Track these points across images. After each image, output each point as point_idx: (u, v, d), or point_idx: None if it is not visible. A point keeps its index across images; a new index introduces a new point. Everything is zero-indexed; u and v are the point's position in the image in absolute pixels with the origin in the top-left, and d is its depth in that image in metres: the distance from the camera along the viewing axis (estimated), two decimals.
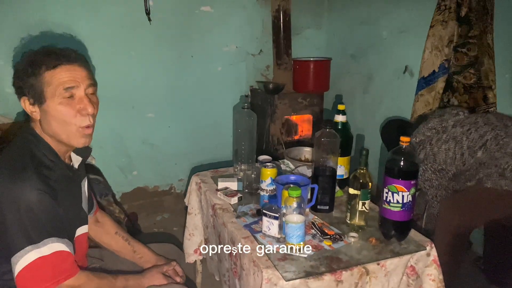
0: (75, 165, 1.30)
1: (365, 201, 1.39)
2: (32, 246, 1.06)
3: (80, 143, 1.20)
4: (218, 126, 3.25)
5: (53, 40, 2.47)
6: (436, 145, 2.03)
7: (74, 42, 2.50)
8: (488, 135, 1.88)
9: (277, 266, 1.22)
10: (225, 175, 1.91)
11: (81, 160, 1.32)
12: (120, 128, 2.98)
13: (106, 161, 2.92)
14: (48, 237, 1.08)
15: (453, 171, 2.01)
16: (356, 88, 3.19)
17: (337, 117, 1.71)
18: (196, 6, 2.97)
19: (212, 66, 3.15)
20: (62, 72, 1.14)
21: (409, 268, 1.34)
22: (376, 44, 2.94)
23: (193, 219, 1.91)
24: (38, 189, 1.07)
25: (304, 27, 3.37)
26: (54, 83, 1.13)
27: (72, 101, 1.15)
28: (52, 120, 1.15)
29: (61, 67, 1.14)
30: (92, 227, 1.48)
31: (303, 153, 2.06)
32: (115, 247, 1.50)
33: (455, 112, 2.08)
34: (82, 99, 1.17)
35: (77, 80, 1.16)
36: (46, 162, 1.16)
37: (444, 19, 2.32)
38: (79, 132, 1.18)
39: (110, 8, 2.72)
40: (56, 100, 1.14)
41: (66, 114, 1.15)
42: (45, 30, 2.46)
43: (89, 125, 1.19)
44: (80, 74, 1.17)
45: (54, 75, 1.13)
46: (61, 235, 1.12)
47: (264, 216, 1.36)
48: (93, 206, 1.48)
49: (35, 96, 1.14)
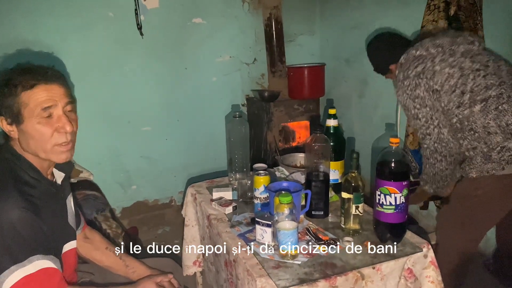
0: (58, 181, 1.29)
1: (359, 204, 1.38)
2: (17, 266, 1.05)
3: (60, 159, 1.19)
4: (215, 137, 3.24)
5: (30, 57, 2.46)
6: (439, 64, 1.73)
7: (51, 58, 2.51)
8: (493, 91, 1.63)
9: (270, 275, 1.20)
10: (220, 185, 1.91)
11: (63, 175, 1.31)
12: (117, 143, 2.98)
13: (104, 177, 2.92)
14: (33, 255, 1.07)
15: (445, 102, 1.71)
16: (351, 93, 3.18)
17: (328, 121, 1.70)
18: (187, 19, 2.99)
19: (207, 77, 3.15)
20: (40, 92, 1.13)
21: (406, 270, 1.32)
22: None
23: (190, 231, 1.90)
24: (19, 207, 1.06)
25: (296, 33, 3.38)
26: (31, 104, 1.12)
27: (50, 120, 1.15)
28: (30, 139, 1.15)
29: (38, 86, 1.13)
30: (81, 244, 1.46)
31: (298, 159, 2.05)
32: (107, 262, 1.48)
33: (470, 39, 1.77)
34: (60, 117, 1.16)
35: (54, 99, 1.15)
36: (27, 179, 1.15)
37: (434, 19, 2.31)
38: (55, 149, 1.17)
39: (102, 25, 2.74)
40: (34, 120, 1.13)
41: (44, 133, 1.14)
42: (24, 48, 2.46)
43: (66, 142, 1.18)
44: (58, 92, 1.16)
45: (31, 96, 1.12)
46: (46, 251, 1.11)
47: (257, 224, 1.35)
48: (80, 222, 1.47)
49: (13, 116, 1.13)
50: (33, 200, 1.11)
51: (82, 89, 2.72)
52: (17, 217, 1.05)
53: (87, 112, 2.77)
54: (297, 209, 1.38)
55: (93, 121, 2.82)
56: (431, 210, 2.62)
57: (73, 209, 1.37)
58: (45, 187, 1.20)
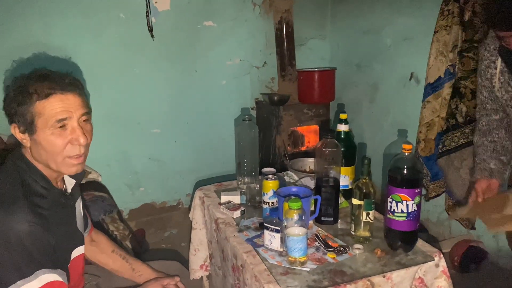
0: (69, 189, 1.26)
1: (369, 211, 1.35)
2: (23, 281, 1.02)
3: (70, 172, 1.16)
4: (223, 140, 3.24)
5: (47, 62, 2.48)
6: None
7: (68, 64, 2.51)
8: None
9: (279, 281, 1.18)
10: (228, 188, 1.89)
11: (74, 182, 1.28)
12: (126, 145, 2.99)
13: (113, 178, 2.93)
14: (39, 269, 1.04)
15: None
16: (362, 98, 3.15)
17: (339, 126, 1.68)
18: (198, 21, 2.99)
19: (216, 80, 3.15)
20: (55, 103, 1.09)
21: (417, 280, 1.29)
22: (381, 53, 2.91)
23: (197, 234, 1.88)
24: (28, 221, 1.03)
25: (307, 37, 3.37)
26: (45, 114, 1.08)
27: (64, 132, 1.11)
28: (41, 150, 1.11)
29: (53, 96, 1.09)
30: (87, 247, 1.44)
31: (307, 164, 2.03)
32: (113, 266, 1.47)
33: None
34: (75, 129, 1.12)
35: (70, 111, 1.11)
36: (38, 190, 1.12)
37: (447, 24, 2.28)
38: (67, 162, 1.13)
39: (113, 26, 2.75)
40: (47, 131, 1.09)
41: (56, 145, 1.10)
42: (41, 52, 2.47)
43: (79, 155, 1.14)
44: (74, 103, 1.12)
45: (46, 106, 1.08)
46: (53, 265, 1.08)
47: (266, 229, 1.33)
48: (87, 225, 1.45)
49: (26, 125, 1.10)
50: (42, 213, 1.09)
51: (92, 90, 2.72)
52: (25, 232, 1.02)
53: (97, 114, 2.72)
54: (306, 215, 1.36)
55: (103, 123, 2.83)
56: (442, 218, 2.58)
57: (81, 212, 1.35)
58: (55, 197, 1.17)
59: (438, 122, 2.42)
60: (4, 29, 2.50)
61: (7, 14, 2.48)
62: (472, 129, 2.25)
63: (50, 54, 2.52)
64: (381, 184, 2.88)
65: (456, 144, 2.31)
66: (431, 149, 2.46)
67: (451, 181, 2.37)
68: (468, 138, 2.27)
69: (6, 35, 2.50)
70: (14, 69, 2.13)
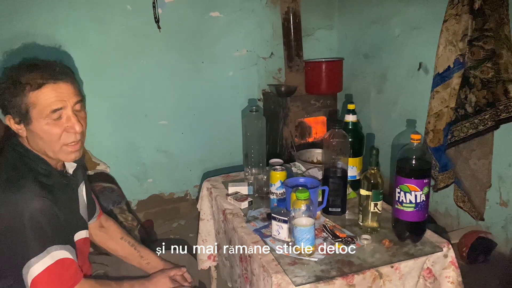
0: (70, 171, 1.29)
1: (377, 202, 1.35)
2: (36, 258, 1.05)
3: (68, 159, 1.19)
4: (231, 131, 3.23)
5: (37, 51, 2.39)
6: None
7: (59, 52, 2.47)
8: None
9: (286, 271, 1.19)
10: (235, 179, 1.89)
11: (75, 166, 1.30)
12: (134, 136, 3.00)
13: (121, 170, 2.94)
14: (51, 245, 1.07)
15: None
16: (370, 88, 3.13)
17: (347, 117, 1.67)
18: (205, 12, 2.98)
19: (223, 71, 3.14)
20: (48, 92, 1.10)
21: (425, 270, 1.29)
22: (389, 43, 2.88)
23: (205, 225, 1.89)
24: (39, 196, 1.06)
25: (315, 28, 3.34)
26: (40, 105, 1.10)
27: (59, 121, 1.13)
28: (38, 139, 1.14)
29: (46, 86, 1.10)
30: (96, 233, 1.47)
31: (315, 155, 2.03)
32: (121, 253, 1.48)
33: None
34: (70, 117, 1.14)
35: (63, 100, 1.12)
36: (40, 170, 1.15)
37: (457, 13, 2.25)
38: (64, 150, 1.16)
39: (120, 19, 2.75)
40: (42, 122, 1.11)
41: (53, 134, 1.12)
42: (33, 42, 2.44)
43: (75, 141, 1.16)
44: (67, 91, 1.13)
45: (40, 96, 1.09)
46: (63, 241, 1.11)
47: (273, 220, 1.34)
48: (95, 211, 1.47)
49: (20, 116, 1.11)
50: (49, 189, 1.12)
51: (99, 82, 2.76)
52: (37, 207, 1.05)
53: (105, 106, 2.80)
54: (314, 206, 1.36)
55: (110, 115, 2.84)
56: (450, 209, 2.57)
57: (84, 198, 1.36)
58: (57, 179, 1.20)
59: (447, 113, 2.39)
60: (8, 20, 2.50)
61: (13, 5, 2.48)
62: (482, 119, 2.23)
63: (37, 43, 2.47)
64: (389, 174, 2.87)
65: (465, 134, 2.29)
66: (440, 140, 2.44)
67: (460, 172, 2.35)
68: (477, 128, 2.25)
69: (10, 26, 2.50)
70: (5, 61, 2.10)
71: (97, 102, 2.50)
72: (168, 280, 1.36)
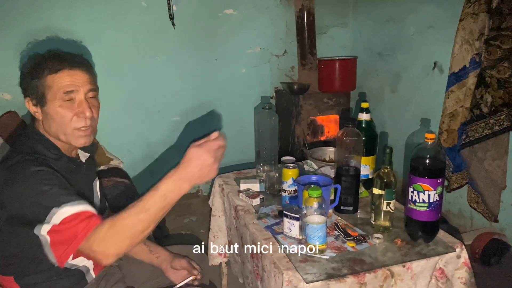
0: (82, 159, 1.34)
1: (390, 201, 1.34)
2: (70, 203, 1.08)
3: (78, 143, 1.24)
4: (243, 128, 3.24)
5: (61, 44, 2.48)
6: None
7: (80, 47, 2.53)
8: None
9: (298, 268, 1.19)
10: (247, 176, 1.90)
11: (88, 156, 1.37)
12: (147, 132, 3.02)
13: (134, 165, 2.97)
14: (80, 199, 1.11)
15: None
16: (384, 87, 3.11)
17: (360, 115, 1.66)
18: (219, 9, 2.99)
19: (236, 68, 3.15)
20: (64, 77, 1.19)
21: (437, 270, 1.28)
22: (404, 41, 2.86)
23: (217, 221, 1.90)
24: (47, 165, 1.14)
25: (329, 26, 3.32)
26: (55, 87, 1.18)
27: (71, 104, 1.20)
28: (51, 121, 1.21)
29: (63, 71, 1.19)
30: None
31: (327, 153, 2.02)
32: (132, 251, 1.50)
33: None
34: (82, 102, 1.21)
35: (77, 85, 1.20)
36: (48, 154, 1.21)
37: (474, 12, 2.22)
38: (75, 133, 1.22)
39: (135, 15, 2.78)
40: (56, 103, 1.19)
41: (64, 116, 1.19)
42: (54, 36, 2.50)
43: (85, 126, 1.22)
44: (81, 78, 1.21)
45: (56, 79, 1.18)
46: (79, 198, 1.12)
47: (285, 217, 1.34)
48: (105, 208, 1.50)
49: (38, 97, 1.20)
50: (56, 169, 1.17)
51: (113, 78, 2.78)
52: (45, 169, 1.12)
53: (118, 101, 2.83)
54: (326, 204, 1.36)
55: (124, 110, 2.87)
56: (464, 210, 2.54)
57: (98, 193, 1.42)
58: (66, 164, 1.25)
59: (462, 113, 2.36)
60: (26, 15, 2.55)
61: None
62: (497, 119, 2.20)
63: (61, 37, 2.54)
64: (402, 173, 2.85)
65: (480, 135, 2.26)
66: (454, 140, 2.42)
67: (474, 173, 2.32)
68: (492, 129, 2.22)
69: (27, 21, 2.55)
70: (29, 50, 2.19)
71: (111, 98, 2.51)
72: (201, 150, 1.19)
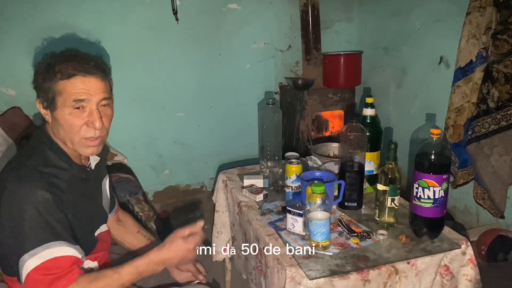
0: (92, 165, 1.29)
1: (394, 197, 1.33)
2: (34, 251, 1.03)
3: (85, 153, 1.18)
4: (247, 124, 3.23)
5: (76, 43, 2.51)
6: None
7: (99, 48, 2.54)
8: None
9: (301, 265, 1.18)
10: (251, 172, 1.89)
11: (98, 159, 1.31)
12: (152, 128, 3.02)
13: (138, 161, 2.98)
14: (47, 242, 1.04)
15: None
16: (389, 82, 3.08)
17: (365, 110, 1.65)
18: (223, 4, 2.97)
19: (240, 63, 3.13)
20: (77, 83, 1.11)
21: (442, 267, 1.27)
22: (409, 36, 2.83)
23: (220, 217, 1.90)
24: (45, 190, 1.05)
25: (333, 20, 3.29)
26: (65, 93, 1.11)
27: (81, 113, 1.13)
28: (60, 128, 1.14)
29: (76, 77, 1.11)
30: (114, 226, 1.48)
31: (331, 149, 2.01)
32: (138, 246, 1.50)
33: None
34: (93, 112, 1.14)
35: (89, 93, 1.13)
36: (58, 163, 1.15)
37: (481, 5, 2.19)
38: (82, 143, 1.15)
39: (138, 10, 2.76)
40: (66, 110, 1.12)
41: (72, 124, 1.13)
42: (71, 33, 2.51)
43: (93, 137, 1.16)
44: (95, 86, 1.14)
45: (67, 85, 1.11)
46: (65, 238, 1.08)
47: (288, 213, 1.33)
48: (114, 205, 1.49)
49: (48, 101, 1.13)
50: (59, 184, 1.11)
51: (117, 74, 2.72)
52: (39, 199, 1.04)
53: (122, 97, 2.78)
54: (330, 200, 1.35)
55: (129, 106, 2.87)
56: (470, 206, 2.52)
57: (108, 192, 1.38)
58: (75, 172, 1.19)
59: (468, 108, 2.34)
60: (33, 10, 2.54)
61: None
62: (504, 114, 2.17)
63: (78, 35, 2.55)
64: (407, 169, 2.83)
65: (487, 130, 2.24)
66: (460, 135, 2.39)
67: (481, 168, 2.30)
68: (499, 124, 2.19)
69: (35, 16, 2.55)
70: (44, 48, 2.19)
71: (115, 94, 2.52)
72: (182, 241, 1.22)
